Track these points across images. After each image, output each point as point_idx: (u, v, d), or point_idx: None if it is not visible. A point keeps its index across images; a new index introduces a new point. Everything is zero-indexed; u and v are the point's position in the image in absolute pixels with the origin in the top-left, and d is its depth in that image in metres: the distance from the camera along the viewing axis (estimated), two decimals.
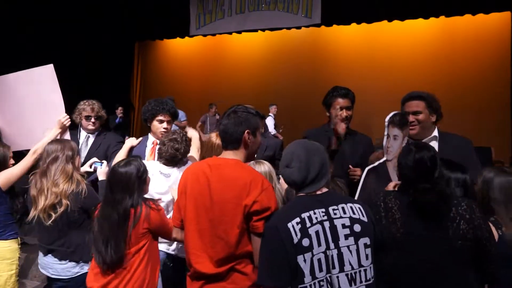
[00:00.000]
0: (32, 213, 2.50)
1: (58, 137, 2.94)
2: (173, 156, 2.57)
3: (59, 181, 2.47)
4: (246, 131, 1.82)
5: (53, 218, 2.45)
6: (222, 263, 1.73)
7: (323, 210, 1.59)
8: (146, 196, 2.36)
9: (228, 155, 1.85)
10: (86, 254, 2.51)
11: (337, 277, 1.53)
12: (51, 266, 2.57)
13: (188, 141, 2.69)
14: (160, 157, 2.64)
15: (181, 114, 8.92)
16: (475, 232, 1.69)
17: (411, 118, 2.52)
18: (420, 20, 7.14)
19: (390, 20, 7.38)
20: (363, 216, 1.61)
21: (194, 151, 2.89)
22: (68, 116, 3.05)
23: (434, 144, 2.49)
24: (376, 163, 2.48)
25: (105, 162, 2.95)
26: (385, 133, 2.48)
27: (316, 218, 1.57)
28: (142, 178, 2.20)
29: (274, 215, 1.66)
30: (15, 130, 3.17)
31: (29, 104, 3.13)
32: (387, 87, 8.49)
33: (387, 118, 2.49)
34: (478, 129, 6.93)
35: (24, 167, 2.76)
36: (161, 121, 2.95)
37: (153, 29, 9.08)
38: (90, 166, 2.94)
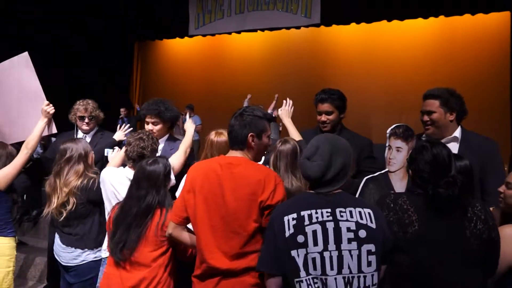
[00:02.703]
0: (46, 210, 2.70)
1: (46, 127, 3.01)
2: (140, 154, 2.48)
3: (69, 180, 2.63)
4: (250, 134, 1.88)
5: (64, 215, 2.64)
6: (238, 257, 1.77)
7: (329, 210, 1.58)
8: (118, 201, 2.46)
9: (235, 153, 1.92)
10: (90, 242, 2.70)
11: (335, 279, 1.52)
12: (61, 254, 2.73)
13: (155, 140, 2.61)
14: (128, 158, 2.56)
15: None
16: (490, 233, 1.69)
17: (425, 117, 2.47)
18: (420, 20, 7.14)
19: (389, 20, 7.38)
20: (371, 222, 1.57)
21: (181, 147, 2.76)
22: (51, 104, 3.03)
23: (454, 145, 2.42)
24: (377, 173, 2.45)
25: (117, 147, 2.98)
26: (387, 144, 2.45)
27: (317, 218, 1.57)
28: (168, 176, 2.25)
29: (278, 206, 1.73)
30: (3, 123, 3.16)
31: (12, 95, 3.12)
32: (386, 87, 8.50)
33: (388, 130, 2.46)
34: (478, 129, 6.89)
35: (18, 165, 2.80)
36: (147, 123, 2.94)
37: (153, 29, 9.09)
38: None
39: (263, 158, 2.36)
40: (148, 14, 8.72)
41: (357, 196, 2.35)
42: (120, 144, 3.16)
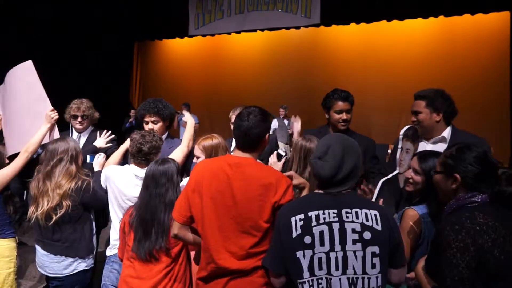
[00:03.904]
0: (32, 213, 2.55)
1: (48, 133, 2.94)
2: (138, 150, 2.49)
3: (62, 182, 2.52)
4: (266, 132, 1.88)
5: (53, 220, 2.51)
6: (247, 257, 1.74)
7: (335, 211, 1.58)
8: (123, 200, 2.49)
9: (243, 154, 1.88)
10: (81, 250, 2.60)
11: (340, 279, 1.52)
12: (47, 264, 2.61)
13: (158, 137, 2.61)
14: (130, 154, 2.57)
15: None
16: None
17: (413, 118, 2.51)
18: (419, 20, 7.15)
19: (389, 20, 7.38)
20: (377, 224, 1.56)
21: (184, 140, 2.82)
22: (55, 110, 3.02)
23: (442, 146, 2.42)
24: (390, 175, 2.47)
25: (102, 154, 2.95)
26: (399, 146, 2.47)
27: (324, 218, 1.57)
28: (179, 174, 2.28)
29: (285, 206, 1.71)
30: (11, 134, 3.15)
31: (18, 105, 3.11)
32: (386, 87, 8.51)
33: (402, 131, 2.48)
34: (478, 129, 6.89)
35: (16, 167, 2.75)
36: (147, 122, 2.94)
37: (153, 29, 9.09)
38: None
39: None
40: (148, 14, 8.72)
41: (374, 199, 2.32)
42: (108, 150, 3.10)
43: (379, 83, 8.59)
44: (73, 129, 3.38)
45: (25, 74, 3.05)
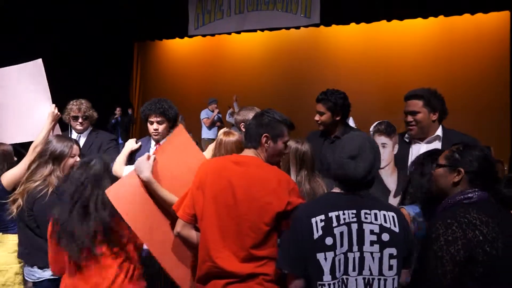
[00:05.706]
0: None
1: (52, 129, 2.93)
2: None
3: (32, 178, 2.36)
4: (264, 135, 1.85)
5: (13, 214, 2.34)
6: (246, 260, 1.71)
7: (354, 211, 1.57)
8: None
9: (248, 152, 1.88)
10: (39, 259, 2.31)
11: (356, 279, 1.52)
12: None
13: None
14: None
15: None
16: None
17: (409, 118, 2.49)
18: (419, 19, 7.16)
19: (389, 20, 7.39)
20: (395, 226, 1.56)
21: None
22: (55, 107, 3.02)
23: (437, 144, 2.45)
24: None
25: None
26: None
27: (344, 219, 1.55)
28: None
29: (302, 207, 1.68)
30: (8, 123, 3.17)
31: (18, 98, 3.13)
32: (386, 87, 8.49)
33: (371, 128, 2.50)
34: (478, 129, 6.91)
35: (26, 166, 2.76)
36: (151, 122, 2.90)
37: (152, 29, 9.10)
38: None
39: None
40: (148, 14, 8.73)
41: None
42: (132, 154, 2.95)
43: (379, 83, 8.58)
44: (72, 130, 3.37)
45: (33, 71, 3.07)
